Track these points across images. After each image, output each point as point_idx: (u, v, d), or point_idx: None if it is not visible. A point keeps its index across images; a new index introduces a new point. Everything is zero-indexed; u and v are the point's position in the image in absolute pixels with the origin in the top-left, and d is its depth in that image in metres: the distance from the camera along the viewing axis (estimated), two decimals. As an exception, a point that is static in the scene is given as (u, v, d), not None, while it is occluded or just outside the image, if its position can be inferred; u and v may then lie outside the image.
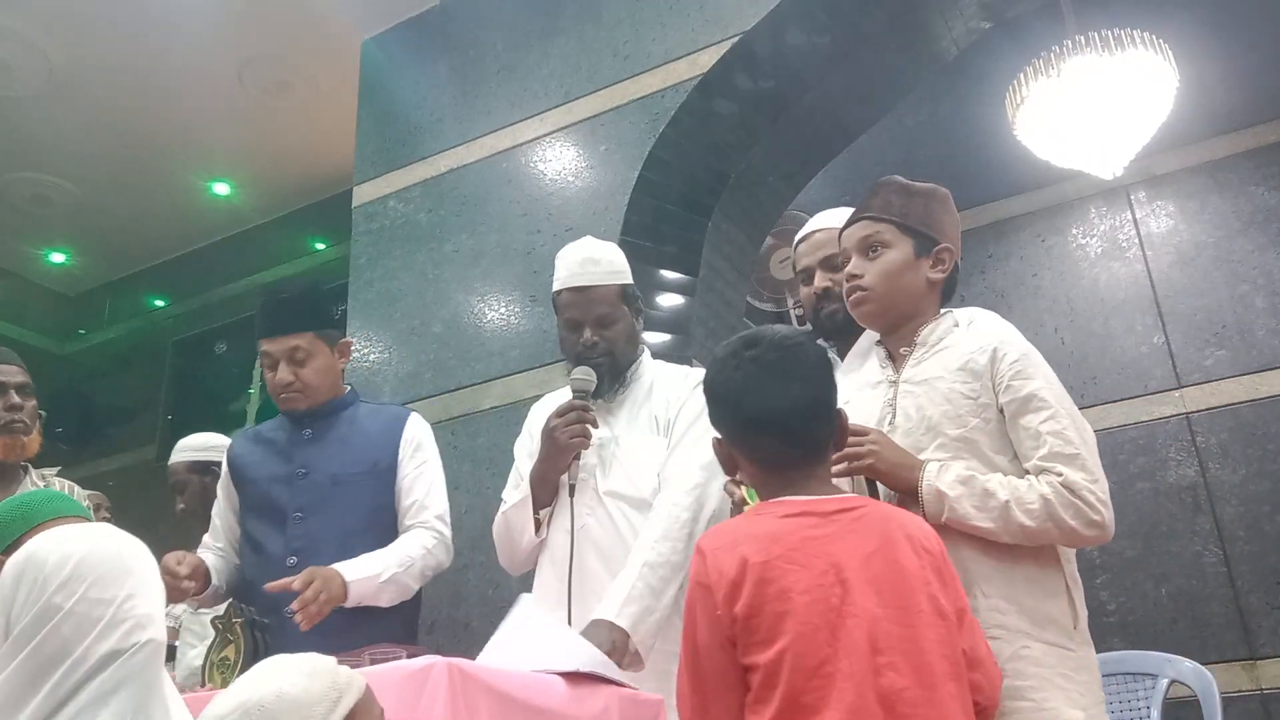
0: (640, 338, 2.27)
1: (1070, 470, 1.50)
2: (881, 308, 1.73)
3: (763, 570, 1.26)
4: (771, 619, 1.24)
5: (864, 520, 1.33)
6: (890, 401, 1.69)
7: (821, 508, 1.33)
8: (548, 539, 2.14)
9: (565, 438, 2.04)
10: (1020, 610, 1.49)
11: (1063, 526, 1.48)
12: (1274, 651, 3.64)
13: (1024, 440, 1.56)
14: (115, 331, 6.49)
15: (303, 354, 2.32)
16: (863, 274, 1.72)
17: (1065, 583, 1.55)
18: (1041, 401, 1.56)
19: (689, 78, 3.29)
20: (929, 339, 1.70)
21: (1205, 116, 4.19)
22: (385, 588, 2.16)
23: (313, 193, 5.57)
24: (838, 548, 1.28)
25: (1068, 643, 1.50)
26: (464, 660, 1.41)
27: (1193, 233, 4.26)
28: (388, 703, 1.32)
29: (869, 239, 1.73)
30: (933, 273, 1.72)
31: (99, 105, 4.78)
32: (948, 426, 1.60)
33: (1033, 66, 3.43)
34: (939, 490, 1.52)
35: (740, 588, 1.26)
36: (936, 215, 1.75)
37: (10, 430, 2.51)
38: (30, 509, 1.81)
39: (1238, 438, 3.92)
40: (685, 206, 3.32)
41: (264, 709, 1.01)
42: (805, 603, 1.24)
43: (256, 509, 2.31)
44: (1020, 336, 1.66)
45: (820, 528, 1.31)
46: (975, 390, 1.60)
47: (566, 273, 2.20)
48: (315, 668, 1.07)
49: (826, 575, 1.26)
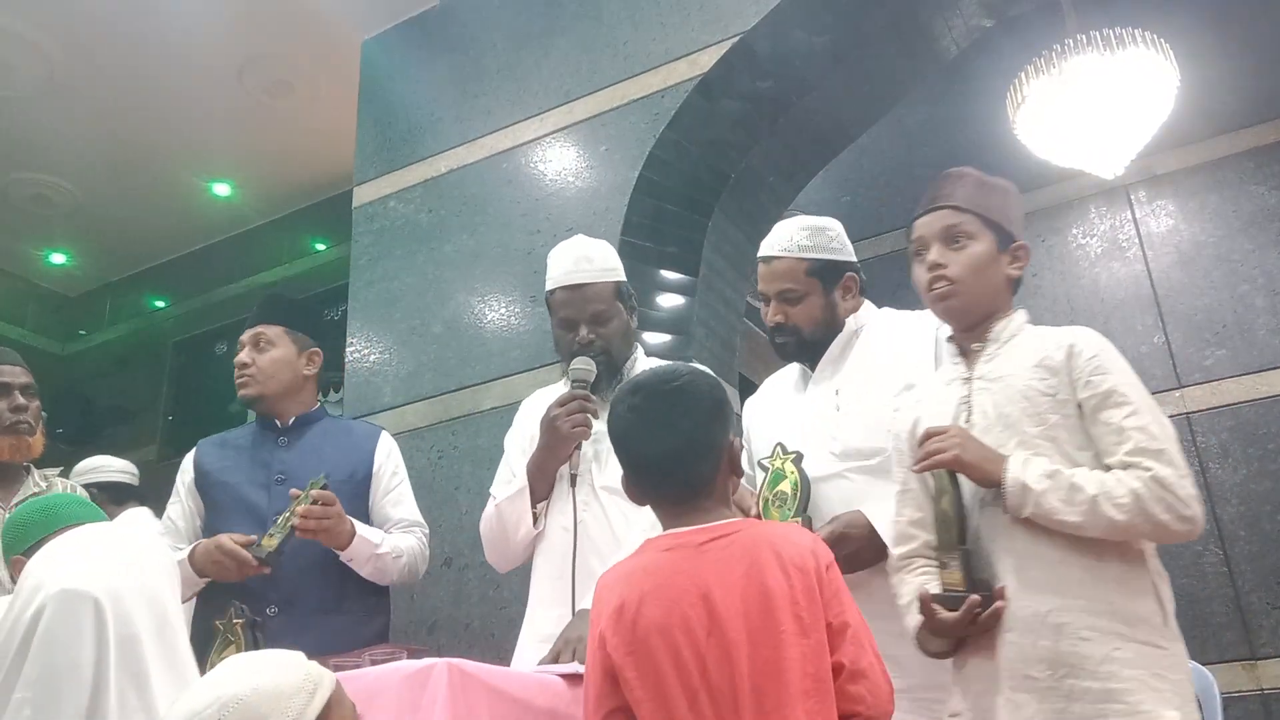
0: (635, 335, 2.26)
1: (1159, 465, 1.47)
2: (967, 302, 1.69)
3: (637, 606, 1.33)
4: (641, 654, 1.31)
5: (733, 546, 1.36)
6: (965, 399, 1.66)
7: (694, 539, 1.38)
8: (544, 534, 2.11)
9: (567, 427, 2.02)
10: (1111, 611, 1.46)
11: (1154, 521, 1.46)
12: (1274, 651, 3.64)
13: (1105, 436, 1.53)
14: (115, 332, 6.49)
15: (265, 342, 2.41)
16: (948, 265, 1.69)
17: (1152, 579, 1.52)
18: (1122, 396, 1.53)
19: (689, 78, 3.29)
20: (1001, 335, 1.68)
21: (1205, 116, 4.18)
22: (374, 561, 2.26)
23: (313, 193, 5.57)
24: (707, 577, 1.33)
25: (1159, 640, 1.47)
26: (464, 660, 1.41)
27: (1193, 232, 4.27)
28: (388, 703, 1.32)
29: (953, 229, 1.70)
30: (1011, 269, 1.71)
31: (99, 105, 4.78)
32: (1027, 424, 1.57)
33: (1033, 66, 3.43)
34: (1024, 484, 1.49)
35: (616, 624, 1.33)
36: (1014, 210, 1.74)
37: (15, 430, 2.51)
38: (52, 513, 1.83)
39: (1238, 437, 3.92)
40: (685, 206, 3.32)
41: (242, 702, 1.00)
42: (667, 641, 1.30)
43: (231, 512, 2.32)
44: (1096, 333, 1.63)
45: (691, 559, 1.36)
46: (1053, 386, 1.58)
47: (560, 271, 2.19)
48: (286, 661, 1.07)
49: (695, 606, 1.31)
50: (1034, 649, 1.46)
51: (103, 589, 1.18)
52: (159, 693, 1.19)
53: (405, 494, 2.47)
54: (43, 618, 1.15)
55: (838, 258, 2.06)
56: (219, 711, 0.99)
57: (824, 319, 2.04)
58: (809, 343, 2.04)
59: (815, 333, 2.04)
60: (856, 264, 2.10)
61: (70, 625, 1.15)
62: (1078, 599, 1.47)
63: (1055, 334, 1.65)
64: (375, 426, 2.62)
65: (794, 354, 2.09)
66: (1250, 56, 4.18)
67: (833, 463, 1.91)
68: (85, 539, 1.28)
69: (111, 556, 1.24)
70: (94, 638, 1.15)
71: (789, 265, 2.04)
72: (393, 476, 2.45)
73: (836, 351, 2.04)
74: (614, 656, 1.32)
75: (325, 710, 1.04)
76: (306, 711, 1.02)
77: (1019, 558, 1.52)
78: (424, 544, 2.43)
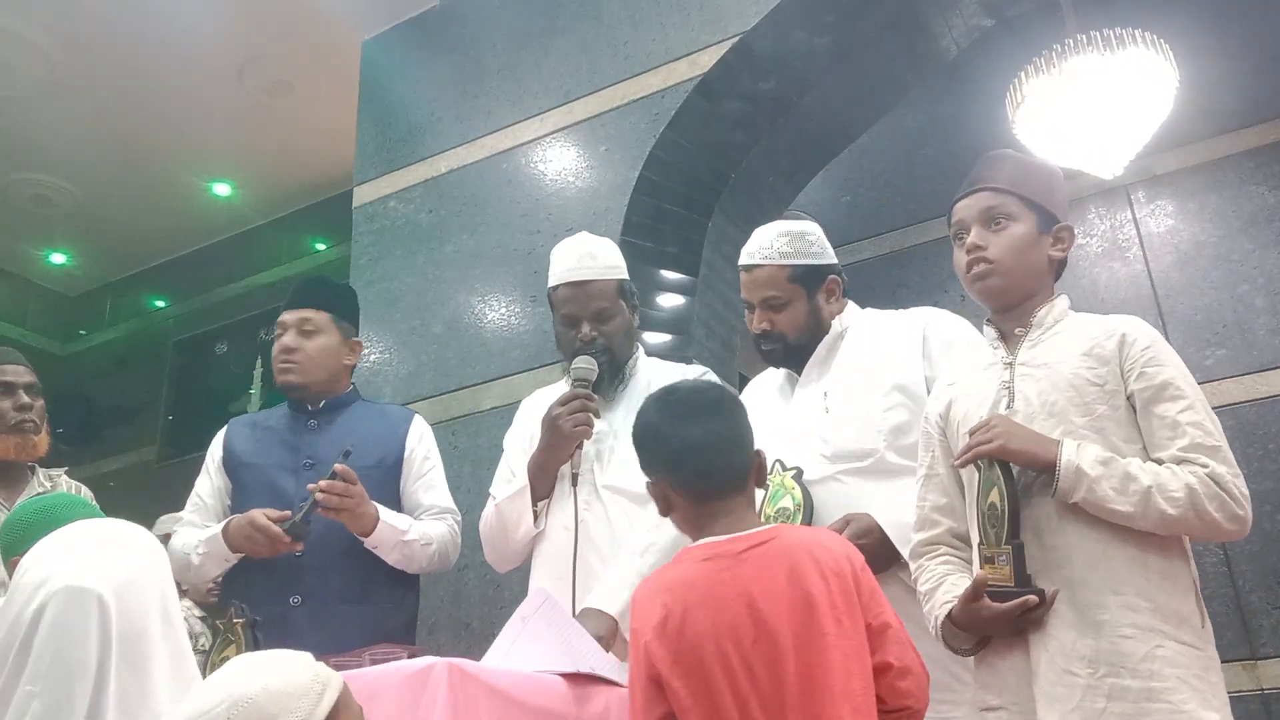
0: (637, 333, 2.25)
1: (1215, 462, 1.45)
2: (1007, 283, 1.65)
3: (682, 617, 1.35)
4: (689, 663, 1.33)
5: (772, 554, 1.39)
6: (1007, 384, 1.61)
7: (732, 548, 1.40)
8: (544, 533, 2.10)
9: (569, 426, 2.01)
10: (1154, 608, 1.43)
11: (1205, 518, 1.43)
12: (1275, 651, 3.64)
13: (1158, 430, 1.49)
14: (116, 332, 6.50)
15: (311, 327, 2.35)
16: (987, 246, 1.65)
17: (1193, 578, 1.49)
18: (1178, 390, 1.50)
19: (689, 78, 3.29)
20: (1045, 320, 1.63)
21: (1205, 116, 4.18)
22: (401, 548, 2.20)
23: (313, 193, 5.57)
24: (750, 585, 1.36)
25: (1198, 642, 1.44)
26: (464, 660, 1.41)
27: (1192, 232, 4.26)
28: (388, 703, 1.32)
29: (993, 210, 1.66)
30: (1054, 251, 1.67)
31: (99, 105, 4.78)
32: (1074, 414, 1.53)
33: (1033, 66, 3.43)
34: (1079, 467, 1.44)
35: (661, 635, 1.35)
36: (1057, 192, 1.70)
37: (20, 430, 2.52)
38: (51, 512, 1.83)
39: (1238, 438, 3.92)
40: (685, 206, 3.32)
41: (252, 702, 1.00)
42: (717, 649, 1.32)
43: (257, 494, 2.26)
44: (1146, 323, 1.60)
45: (731, 568, 1.38)
46: (1102, 376, 1.54)
47: (563, 268, 2.18)
48: (295, 661, 1.07)
49: (741, 614, 1.33)
50: (1074, 646, 1.43)
51: (107, 585, 1.18)
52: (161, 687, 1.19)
53: (438, 479, 2.40)
54: (46, 613, 1.15)
55: (819, 262, 2.05)
56: (229, 710, 0.99)
57: (809, 324, 2.04)
58: (795, 349, 2.05)
59: (801, 338, 2.04)
60: (838, 266, 2.10)
61: (76, 621, 1.15)
62: (1121, 595, 1.44)
63: (1105, 322, 1.61)
64: (408, 410, 2.54)
65: (781, 360, 2.09)
66: (1250, 56, 4.18)
67: (824, 465, 1.90)
68: (81, 534, 1.27)
69: (111, 551, 1.24)
70: (98, 634, 1.15)
71: (770, 273, 2.04)
72: (424, 461, 2.38)
73: (823, 353, 2.04)
74: (660, 667, 1.34)
75: (333, 712, 1.04)
76: (315, 712, 1.02)
77: (1061, 552, 1.48)
78: (456, 532, 2.36)
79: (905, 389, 1.90)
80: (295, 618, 2.08)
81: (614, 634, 1.82)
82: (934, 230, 4.65)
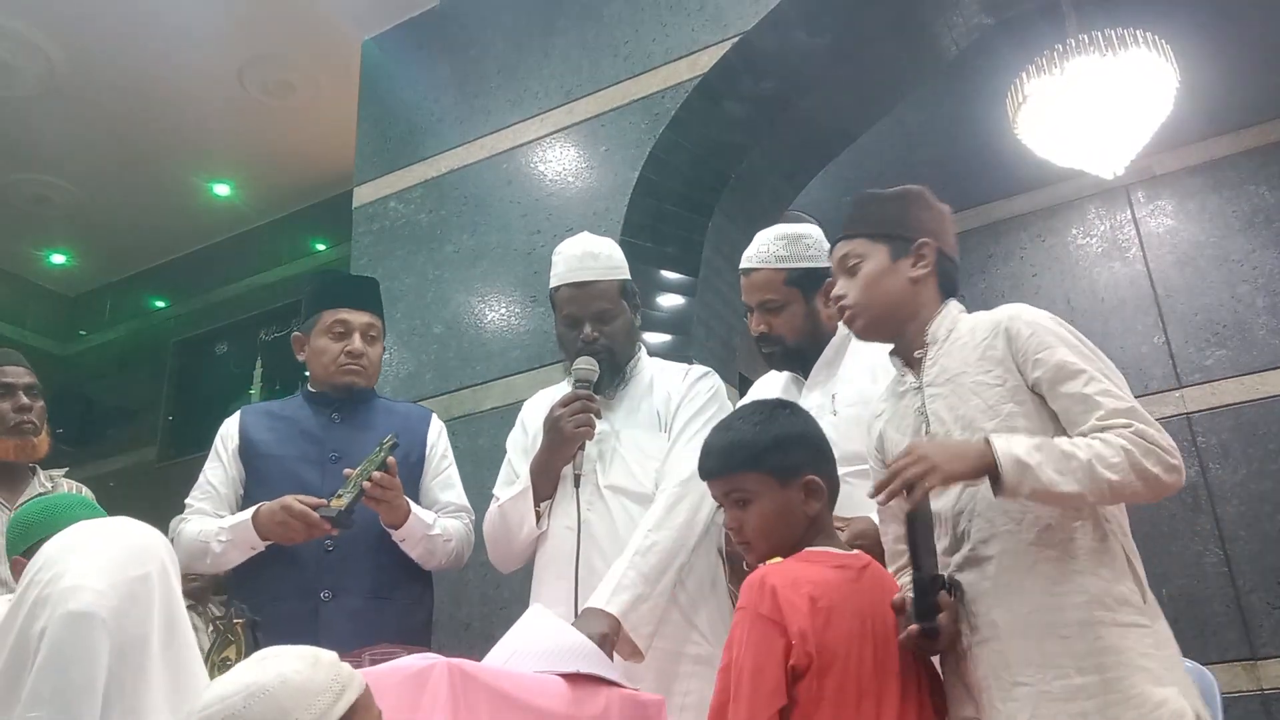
0: (639, 333, 2.25)
1: (1136, 421, 1.46)
2: (870, 319, 1.70)
3: (828, 614, 1.42)
4: (828, 659, 1.40)
5: (877, 577, 1.52)
6: (920, 409, 1.65)
7: (854, 563, 1.52)
8: (547, 533, 2.11)
9: (570, 427, 2.02)
10: (1090, 597, 1.44)
11: (1146, 476, 1.43)
12: (1275, 651, 3.64)
13: (1071, 409, 1.51)
14: (116, 332, 6.49)
15: (375, 333, 2.40)
16: (845, 293, 1.71)
17: (1126, 556, 1.50)
18: (1075, 366, 1.52)
19: (689, 78, 3.29)
20: (938, 334, 1.66)
21: (1205, 116, 4.19)
22: (425, 542, 2.22)
23: (313, 193, 5.57)
24: (865, 602, 1.47)
25: (1141, 619, 1.44)
26: (464, 660, 1.41)
27: (1192, 232, 4.27)
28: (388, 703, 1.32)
29: (845, 259, 1.72)
30: (915, 270, 1.69)
31: (99, 105, 4.78)
32: (984, 420, 1.55)
33: (1034, 66, 3.44)
34: (1018, 458, 1.42)
35: (811, 626, 1.40)
36: (909, 213, 1.72)
37: (20, 431, 2.52)
38: (53, 513, 1.84)
39: (1238, 438, 3.92)
40: (685, 206, 3.32)
41: (268, 693, 1.01)
42: (853, 652, 1.42)
43: (279, 486, 2.21)
44: (1027, 308, 1.61)
45: (855, 582, 1.49)
46: (1000, 377, 1.56)
47: (565, 268, 2.19)
48: (319, 658, 1.07)
49: (863, 626, 1.44)
50: (1020, 654, 1.45)
51: (106, 604, 1.17)
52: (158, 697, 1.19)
53: (454, 478, 2.43)
54: (46, 638, 1.15)
55: (816, 265, 2.06)
56: (245, 699, 1.00)
57: (806, 328, 2.06)
58: (794, 351, 2.07)
59: (799, 341, 2.06)
60: None
61: (80, 648, 1.15)
62: (1055, 594, 1.45)
63: (988, 320, 1.63)
64: (425, 409, 2.56)
65: (781, 363, 2.11)
66: (1250, 57, 4.18)
67: None
68: (84, 541, 1.26)
69: (113, 559, 1.23)
70: (104, 658, 1.15)
71: (767, 276, 2.07)
72: (442, 459, 2.42)
73: (830, 356, 2.06)
74: (812, 654, 1.39)
75: (350, 712, 1.04)
76: (331, 711, 1.02)
77: (994, 561, 1.50)
78: (470, 530, 2.37)
79: None
80: (325, 613, 2.08)
81: (615, 633, 1.82)
82: (934, 230, 4.64)
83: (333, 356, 2.31)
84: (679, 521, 1.95)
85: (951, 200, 1.81)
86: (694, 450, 2.00)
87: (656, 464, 2.08)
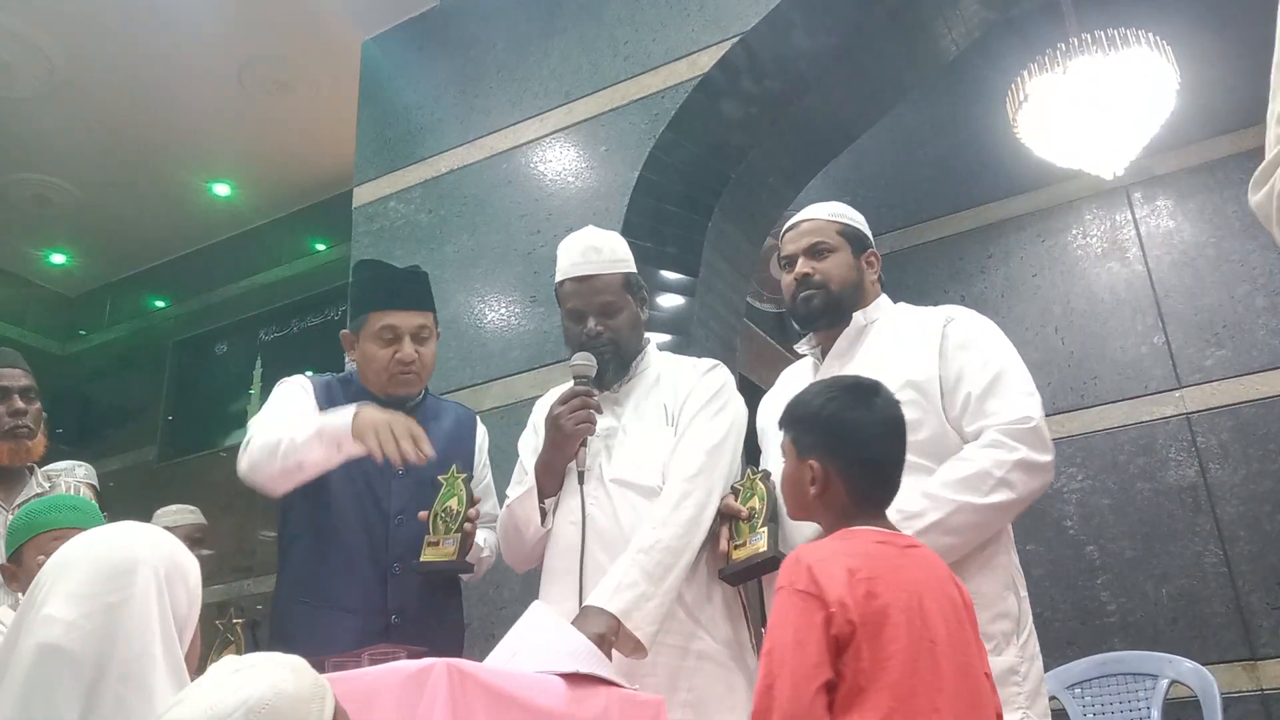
0: (645, 327, 2.23)
1: None
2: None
3: (868, 584, 1.39)
4: (874, 629, 1.37)
5: (926, 556, 1.51)
6: None
7: (898, 540, 1.51)
8: (554, 530, 2.09)
9: (571, 424, 2.00)
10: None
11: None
12: (1275, 652, 3.64)
13: None
14: (116, 332, 6.49)
15: (427, 333, 2.25)
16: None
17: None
18: None
19: (689, 78, 3.29)
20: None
21: (1205, 116, 4.19)
22: (478, 563, 2.21)
23: (313, 193, 5.57)
24: (915, 577, 1.45)
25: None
26: (464, 661, 1.40)
27: (1192, 233, 4.27)
28: (388, 703, 1.31)
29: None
30: None
31: (99, 105, 4.79)
32: None
33: (1034, 65, 3.44)
34: None
35: (851, 595, 1.38)
36: None
37: (14, 435, 2.51)
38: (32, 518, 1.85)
39: (1238, 438, 3.92)
40: (685, 206, 3.32)
41: (269, 707, 0.98)
42: (902, 621, 1.38)
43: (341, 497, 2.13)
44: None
45: (901, 558, 1.47)
46: None
47: (568, 262, 2.17)
48: (294, 664, 1.05)
49: (912, 600, 1.41)
50: None
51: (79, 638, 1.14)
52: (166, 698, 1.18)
53: (492, 486, 2.35)
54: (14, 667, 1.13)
55: (865, 230, 2.14)
56: (245, 716, 0.98)
57: (852, 278, 2.09)
58: (834, 301, 2.06)
59: (844, 292, 2.07)
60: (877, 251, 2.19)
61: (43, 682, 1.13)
62: None
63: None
64: (469, 410, 2.43)
65: (819, 312, 2.08)
66: (1250, 57, 4.16)
67: None
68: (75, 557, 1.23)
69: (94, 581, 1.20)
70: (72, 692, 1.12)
71: (820, 224, 2.12)
72: (484, 468, 2.35)
73: (845, 345, 2.06)
74: (854, 622, 1.36)
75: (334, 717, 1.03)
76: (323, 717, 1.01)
77: None
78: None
79: (918, 385, 1.91)
80: (393, 635, 2.02)
81: (614, 632, 1.81)
82: (933, 231, 4.65)
83: (383, 364, 2.19)
84: (684, 518, 1.93)
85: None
86: (700, 445, 2.01)
87: (663, 458, 2.05)
